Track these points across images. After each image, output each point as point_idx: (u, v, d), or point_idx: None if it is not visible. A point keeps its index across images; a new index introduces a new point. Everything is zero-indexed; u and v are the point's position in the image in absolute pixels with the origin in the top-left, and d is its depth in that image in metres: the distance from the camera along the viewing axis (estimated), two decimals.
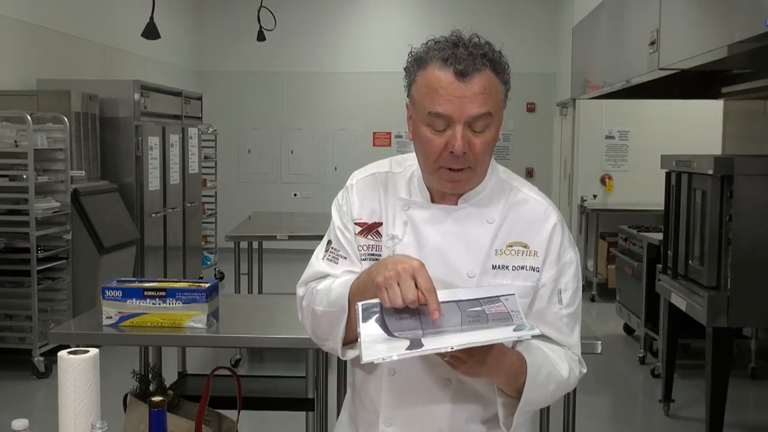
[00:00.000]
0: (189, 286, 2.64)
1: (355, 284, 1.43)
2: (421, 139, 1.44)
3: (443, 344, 1.23)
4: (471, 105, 1.38)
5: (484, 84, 1.39)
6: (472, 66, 1.38)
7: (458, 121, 1.38)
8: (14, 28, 5.94)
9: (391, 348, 1.24)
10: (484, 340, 1.24)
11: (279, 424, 4.01)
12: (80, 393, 1.57)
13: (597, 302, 7.48)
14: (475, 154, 1.41)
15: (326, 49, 10.33)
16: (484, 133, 1.41)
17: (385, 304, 1.30)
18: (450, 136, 1.40)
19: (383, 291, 1.30)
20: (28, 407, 4.56)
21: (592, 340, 2.48)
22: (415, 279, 1.29)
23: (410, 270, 1.30)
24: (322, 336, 1.53)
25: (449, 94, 1.38)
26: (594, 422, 4.44)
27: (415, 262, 1.32)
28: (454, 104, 1.38)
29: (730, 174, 3.61)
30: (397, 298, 1.28)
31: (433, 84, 1.40)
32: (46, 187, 5.33)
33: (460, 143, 1.39)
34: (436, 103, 1.39)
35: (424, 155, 1.45)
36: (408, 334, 1.28)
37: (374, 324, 1.30)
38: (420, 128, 1.44)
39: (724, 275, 3.68)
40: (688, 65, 3.62)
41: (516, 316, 1.30)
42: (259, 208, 9.10)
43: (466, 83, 1.38)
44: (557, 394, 1.48)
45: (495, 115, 1.42)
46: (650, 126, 7.95)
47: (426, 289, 1.28)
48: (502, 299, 1.33)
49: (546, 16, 9.96)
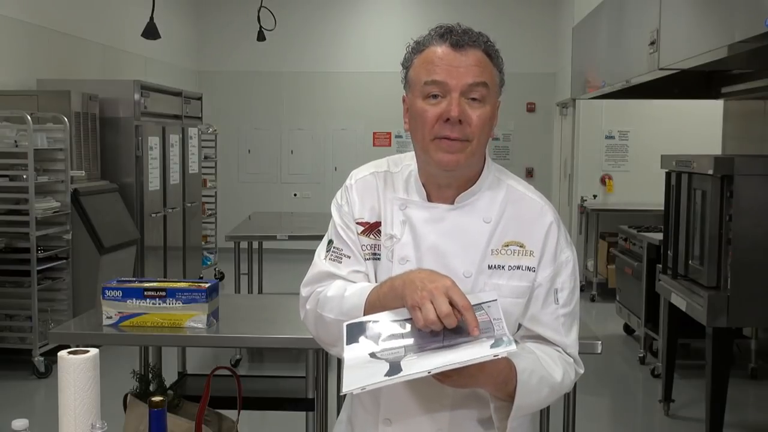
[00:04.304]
0: (189, 286, 2.64)
1: (373, 295, 1.42)
2: (417, 112, 1.45)
3: (421, 368, 1.23)
4: (466, 74, 1.42)
5: (479, 58, 1.44)
6: (468, 39, 1.43)
7: (454, 89, 1.41)
8: (14, 28, 5.94)
9: (370, 374, 1.24)
10: (460, 361, 1.23)
11: (279, 424, 4.01)
12: (80, 393, 1.57)
13: (597, 302, 7.48)
14: (471, 125, 1.42)
15: (326, 49, 10.33)
16: (481, 108, 1.43)
17: (418, 323, 1.29)
18: (445, 105, 1.42)
19: (416, 311, 1.29)
20: (28, 407, 4.56)
21: (592, 340, 2.48)
22: (450, 297, 1.28)
23: (443, 288, 1.29)
24: (329, 342, 1.53)
25: (445, 64, 1.42)
26: (594, 422, 4.45)
27: (447, 280, 1.31)
28: (450, 73, 1.42)
29: (730, 174, 3.61)
30: (431, 314, 1.26)
31: (430, 57, 1.44)
32: (46, 187, 5.33)
33: (456, 108, 1.40)
34: (432, 72, 1.43)
35: (421, 127, 1.45)
36: (389, 354, 1.27)
37: (358, 345, 1.30)
38: (416, 104, 1.45)
39: (724, 275, 3.68)
40: (688, 65, 3.62)
41: (497, 324, 1.29)
42: (259, 208, 9.10)
43: (462, 54, 1.42)
44: (551, 398, 1.48)
45: (491, 88, 1.44)
46: (650, 126, 7.94)
47: (463, 307, 1.27)
48: (485, 306, 1.32)
49: (546, 16, 9.96)
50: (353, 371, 1.26)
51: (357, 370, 1.26)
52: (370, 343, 1.30)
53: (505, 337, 1.27)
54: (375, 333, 1.31)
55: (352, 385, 1.23)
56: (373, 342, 1.30)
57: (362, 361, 1.28)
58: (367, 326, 1.33)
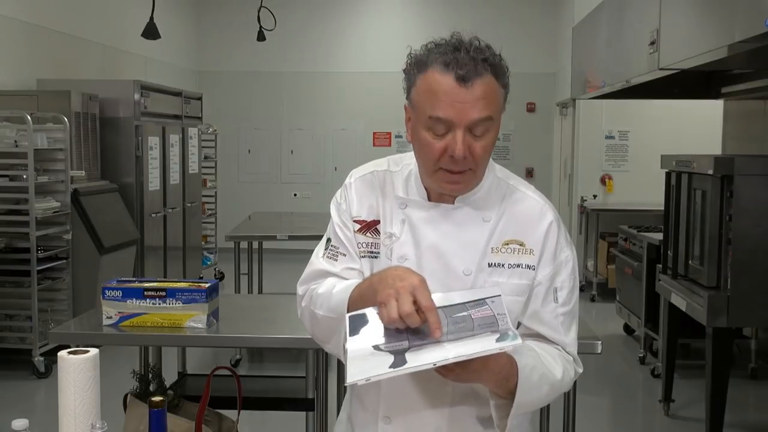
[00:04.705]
0: (189, 286, 2.64)
1: (356, 292, 1.43)
2: (421, 142, 1.44)
3: (426, 360, 1.23)
4: (472, 110, 1.38)
5: (485, 89, 1.39)
6: (474, 71, 1.37)
7: (459, 125, 1.38)
8: (14, 28, 5.94)
9: (374, 365, 1.24)
10: (466, 354, 1.23)
11: (279, 424, 4.01)
12: (80, 393, 1.57)
13: (597, 302, 7.48)
14: (475, 157, 1.42)
15: (326, 49, 10.33)
16: (484, 138, 1.42)
17: (382, 320, 1.29)
18: (450, 140, 1.39)
19: (381, 308, 1.30)
20: (28, 407, 4.56)
21: (592, 340, 2.48)
22: (415, 296, 1.28)
23: (410, 287, 1.28)
24: (323, 339, 1.55)
25: (450, 99, 1.38)
26: (594, 422, 4.44)
27: (415, 279, 1.30)
28: (455, 109, 1.38)
29: (730, 174, 3.61)
30: (393, 312, 1.27)
31: (434, 88, 1.39)
32: (46, 187, 5.33)
33: (461, 147, 1.38)
34: (437, 108, 1.39)
35: (424, 158, 1.46)
36: (394, 346, 1.27)
37: (361, 337, 1.30)
38: (420, 131, 1.44)
39: (724, 275, 3.68)
40: (688, 65, 3.62)
41: (501, 319, 1.29)
42: (259, 208, 9.10)
43: (467, 88, 1.37)
44: (551, 396, 1.48)
45: (495, 119, 1.42)
46: (650, 126, 7.94)
47: (425, 308, 1.27)
48: (488, 302, 1.32)
49: (546, 16, 9.96)
50: (357, 363, 1.26)
51: (360, 362, 1.26)
52: (373, 336, 1.30)
53: (510, 332, 1.27)
54: (377, 325, 1.31)
55: (356, 376, 1.23)
56: (376, 334, 1.30)
57: (365, 353, 1.27)
58: (369, 318, 1.33)
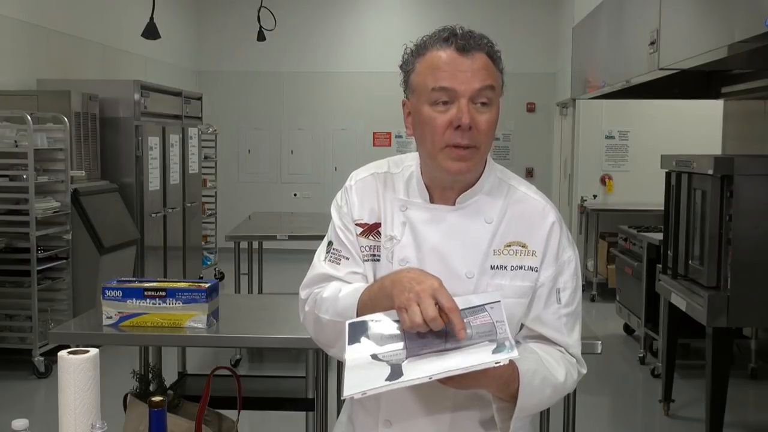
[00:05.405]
0: (189, 286, 2.64)
1: (365, 295, 1.41)
2: (425, 119, 1.43)
3: (422, 373, 1.22)
4: (474, 78, 1.40)
5: (485, 61, 1.42)
6: (473, 43, 1.41)
7: (463, 94, 1.40)
8: (14, 28, 5.94)
9: (371, 378, 1.23)
10: (462, 367, 1.22)
11: (279, 424, 4.01)
12: (80, 393, 1.57)
13: (597, 302, 7.48)
14: (479, 131, 1.41)
15: (326, 49, 10.32)
16: (487, 111, 1.42)
17: (404, 325, 1.28)
18: (454, 112, 1.40)
19: (403, 313, 1.28)
20: (28, 407, 4.56)
21: (592, 340, 2.48)
22: (436, 299, 1.27)
23: (430, 290, 1.28)
24: (327, 343, 1.53)
25: (453, 69, 1.40)
26: (594, 422, 4.44)
27: (434, 281, 1.30)
28: (458, 78, 1.40)
29: (730, 174, 3.60)
30: (417, 317, 1.25)
31: (436, 63, 1.42)
32: (46, 187, 5.33)
33: (467, 115, 1.39)
34: (440, 78, 1.41)
35: (430, 135, 1.43)
36: (391, 356, 1.26)
37: (360, 345, 1.29)
38: (422, 110, 1.43)
39: (724, 275, 3.68)
40: (688, 65, 3.62)
41: (500, 327, 1.28)
42: (259, 208, 9.10)
43: (468, 58, 1.41)
44: (554, 398, 1.47)
45: (496, 90, 1.44)
46: (650, 126, 7.94)
47: (448, 309, 1.26)
48: (488, 308, 1.31)
49: (546, 16, 9.96)
50: (354, 373, 1.25)
51: (358, 372, 1.25)
52: (372, 344, 1.29)
53: (507, 342, 1.25)
54: (377, 333, 1.30)
55: (353, 389, 1.22)
56: (375, 342, 1.29)
57: (364, 362, 1.27)
58: (369, 325, 1.32)
